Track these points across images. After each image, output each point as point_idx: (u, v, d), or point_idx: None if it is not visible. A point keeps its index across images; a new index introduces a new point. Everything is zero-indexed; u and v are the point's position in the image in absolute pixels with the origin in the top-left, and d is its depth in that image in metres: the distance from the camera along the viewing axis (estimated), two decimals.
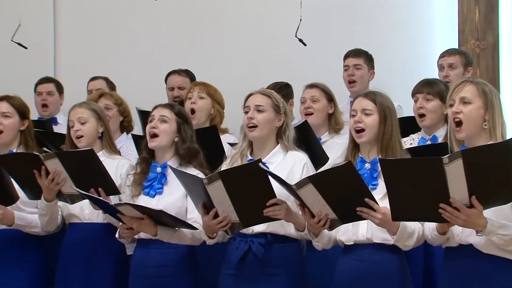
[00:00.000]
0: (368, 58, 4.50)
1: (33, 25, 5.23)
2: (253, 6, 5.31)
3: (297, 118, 3.97)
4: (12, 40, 4.96)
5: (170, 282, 3.07)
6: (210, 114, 3.89)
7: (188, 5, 5.41)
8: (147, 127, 3.17)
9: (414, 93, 3.60)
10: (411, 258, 3.16)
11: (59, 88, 4.90)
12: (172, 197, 3.10)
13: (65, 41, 5.60)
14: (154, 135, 3.13)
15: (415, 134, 3.62)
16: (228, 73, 5.15)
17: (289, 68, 5.01)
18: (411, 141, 3.59)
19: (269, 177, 2.71)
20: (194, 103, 3.81)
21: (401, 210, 2.46)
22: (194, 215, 3.01)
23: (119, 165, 3.35)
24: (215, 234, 2.92)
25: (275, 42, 5.15)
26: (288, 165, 2.99)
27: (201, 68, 4.83)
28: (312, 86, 3.84)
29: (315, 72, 4.70)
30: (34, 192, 3.18)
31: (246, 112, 3.03)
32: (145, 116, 3.77)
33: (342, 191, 2.57)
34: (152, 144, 3.15)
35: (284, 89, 4.20)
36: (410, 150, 3.06)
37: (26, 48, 5.03)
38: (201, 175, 3.10)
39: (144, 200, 3.11)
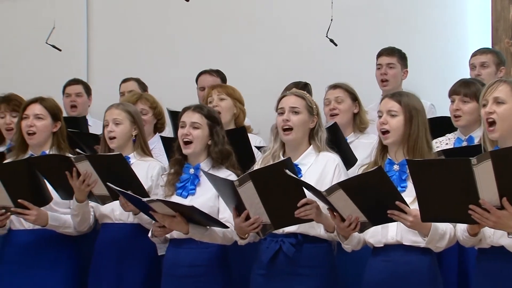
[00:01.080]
0: (402, 57, 4.46)
1: (67, 28, 5.31)
2: (284, 6, 5.31)
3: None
4: (46, 43, 5.04)
5: (202, 282, 3.08)
6: (234, 113, 3.90)
7: (217, 6, 5.43)
8: (179, 133, 3.18)
9: (451, 94, 3.54)
10: (445, 259, 3.14)
11: (87, 89, 4.96)
12: (204, 198, 3.11)
13: (98, 44, 5.67)
14: (188, 142, 3.15)
15: (451, 134, 3.57)
16: (258, 73, 5.16)
17: (320, 69, 4.99)
18: (447, 141, 3.54)
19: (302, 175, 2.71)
20: (217, 106, 3.81)
21: (431, 212, 2.44)
22: (226, 215, 3.01)
23: (150, 167, 3.37)
24: (246, 235, 2.93)
25: (306, 43, 5.14)
26: (320, 166, 2.98)
27: (231, 68, 4.84)
28: (335, 86, 3.82)
29: (346, 72, 4.68)
30: (67, 193, 3.22)
31: (280, 114, 3.02)
32: (176, 116, 3.79)
33: (372, 195, 2.55)
34: (186, 151, 3.16)
35: (304, 89, 4.18)
36: (444, 151, 3.03)
37: (60, 50, 5.10)
38: (233, 176, 3.12)
39: (176, 201, 3.11)
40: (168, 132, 4.25)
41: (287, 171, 2.69)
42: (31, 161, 3.16)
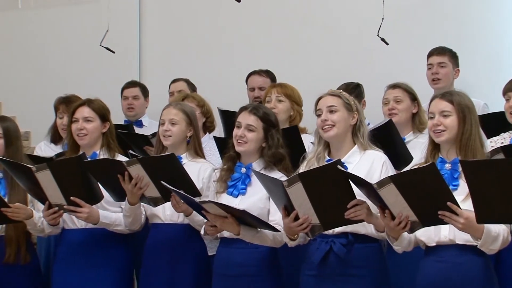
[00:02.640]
0: (453, 56, 4.39)
1: (120, 31, 5.39)
2: (335, 6, 5.28)
3: (380, 119, 3.91)
4: (100, 45, 5.13)
5: (252, 282, 3.08)
6: (290, 115, 3.90)
7: (268, 6, 5.43)
8: (234, 133, 3.19)
9: (505, 91, 3.48)
10: (505, 260, 3.10)
11: (144, 91, 5.02)
12: (255, 198, 3.11)
13: (150, 45, 5.74)
14: (242, 142, 3.16)
15: (506, 133, 3.50)
16: (309, 73, 5.14)
17: (371, 68, 4.96)
18: (502, 140, 3.48)
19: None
20: (274, 107, 3.80)
21: (486, 213, 2.38)
22: (276, 217, 3.01)
23: (202, 169, 3.38)
24: (296, 236, 2.92)
25: (357, 42, 5.10)
26: (366, 164, 2.96)
27: (282, 68, 4.84)
28: (394, 86, 3.79)
29: (398, 71, 4.64)
30: (119, 195, 3.25)
31: (319, 115, 3.02)
32: (227, 116, 3.81)
33: (424, 193, 2.51)
34: (239, 148, 3.17)
35: (355, 90, 4.16)
36: (504, 148, 2.98)
37: (113, 52, 5.18)
38: (284, 178, 3.11)
39: (227, 200, 3.13)
40: (218, 132, 4.28)
41: (339, 166, 2.67)
42: (84, 166, 3.19)
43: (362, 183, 2.65)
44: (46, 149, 4.32)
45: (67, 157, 3.41)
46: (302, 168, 3.04)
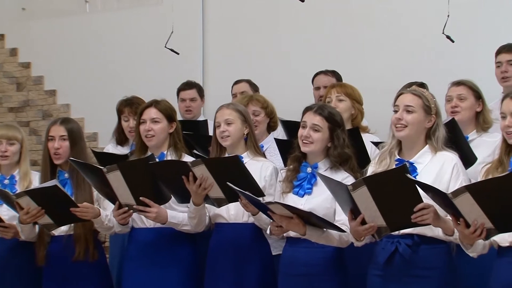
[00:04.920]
0: None
1: (184, 32, 5.44)
2: (399, 3, 5.21)
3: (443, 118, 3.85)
4: (165, 47, 5.21)
5: (318, 281, 3.08)
6: (351, 114, 3.87)
7: (330, 6, 5.40)
8: (300, 133, 3.18)
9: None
10: None
11: (201, 92, 5.00)
12: (321, 198, 3.10)
13: (213, 47, 5.78)
14: (307, 143, 3.16)
15: None
16: (373, 71, 5.10)
17: (436, 66, 4.88)
18: None
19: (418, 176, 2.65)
20: (335, 107, 3.76)
21: None
22: (342, 217, 2.99)
23: (263, 167, 3.39)
24: (362, 237, 2.90)
25: (422, 40, 5.02)
26: (437, 165, 2.91)
27: (344, 68, 4.80)
28: (458, 83, 3.71)
29: (463, 69, 4.53)
30: (183, 196, 3.28)
31: (395, 111, 2.98)
32: (289, 126, 3.82)
33: (502, 201, 2.45)
34: (305, 149, 3.17)
35: None
36: None
37: (178, 53, 5.25)
38: (350, 178, 3.11)
39: (293, 200, 3.14)
40: (280, 133, 4.28)
41: (408, 175, 2.63)
42: (150, 168, 3.22)
43: (430, 190, 2.61)
44: (114, 151, 4.40)
45: (136, 159, 3.47)
46: (374, 162, 3.03)
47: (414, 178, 2.67)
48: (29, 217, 3.37)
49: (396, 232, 2.88)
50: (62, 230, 3.56)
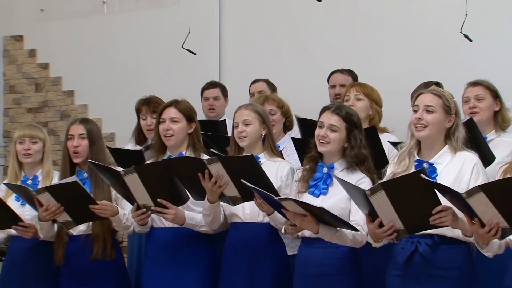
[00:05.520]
0: None
1: (200, 33, 5.46)
2: (416, 2, 5.19)
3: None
4: (182, 47, 5.23)
5: (333, 281, 3.08)
6: (369, 114, 3.86)
7: (347, 5, 5.39)
8: (316, 132, 3.18)
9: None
10: None
11: (224, 92, 5.04)
12: (336, 198, 3.10)
13: (229, 47, 5.79)
14: (324, 143, 3.16)
15: None
16: (389, 71, 5.08)
17: (454, 66, 4.85)
18: None
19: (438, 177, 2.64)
20: (352, 105, 3.77)
21: None
22: (357, 217, 3.00)
23: (280, 167, 3.39)
24: (381, 239, 2.89)
25: (439, 39, 5.00)
26: (456, 166, 2.90)
27: (361, 67, 4.79)
28: (475, 84, 3.69)
29: (482, 68, 4.50)
30: (199, 194, 3.29)
31: (415, 111, 2.97)
32: (305, 124, 3.82)
33: None
34: (321, 149, 3.17)
35: None
36: None
37: (195, 54, 5.27)
38: (366, 179, 3.11)
39: (308, 199, 3.13)
40: (296, 134, 4.28)
41: (423, 175, 2.62)
42: (167, 164, 3.26)
43: (447, 191, 2.60)
44: None
45: (153, 161, 3.49)
46: (393, 162, 3.02)
47: (431, 180, 2.66)
48: (48, 214, 3.40)
49: None
50: (81, 229, 3.59)
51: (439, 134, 2.95)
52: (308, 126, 3.57)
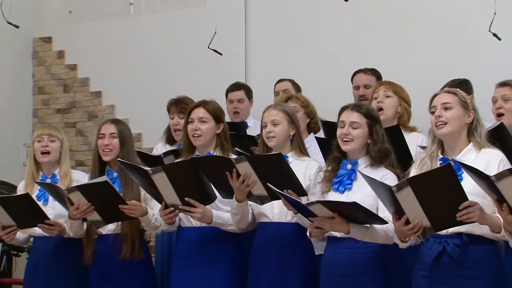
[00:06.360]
0: None
1: (226, 33, 5.47)
2: (441, 1, 5.16)
3: (490, 118, 3.79)
4: (208, 47, 5.26)
5: (360, 282, 3.07)
6: (397, 112, 3.84)
7: (371, 4, 5.37)
8: (338, 132, 3.18)
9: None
10: None
11: (249, 93, 5.03)
12: (362, 194, 3.07)
13: (255, 47, 5.79)
14: (347, 141, 3.16)
15: None
16: (416, 70, 5.04)
17: (482, 65, 4.80)
18: None
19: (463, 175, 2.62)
20: (381, 102, 3.79)
21: None
22: (386, 214, 2.96)
23: (308, 166, 3.40)
24: (407, 238, 2.88)
25: (467, 38, 4.95)
26: (482, 163, 2.87)
27: (386, 67, 4.77)
28: (503, 84, 3.68)
29: (510, 68, 4.46)
30: (227, 192, 3.31)
31: (433, 113, 2.97)
32: (328, 126, 3.81)
33: None
34: (345, 147, 3.17)
35: (462, 85, 4.02)
36: None
37: (221, 54, 5.29)
38: (390, 175, 3.10)
39: (333, 197, 3.13)
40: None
41: (452, 162, 2.59)
42: (195, 162, 3.29)
43: (479, 175, 2.57)
44: (162, 150, 4.45)
45: (181, 160, 3.51)
46: (415, 168, 3.00)
47: (464, 163, 2.63)
48: (78, 212, 3.43)
49: (443, 232, 2.85)
50: (110, 228, 3.62)
51: (461, 130, 2.94)
52: (331, 128, 3.57)
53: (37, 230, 3.71)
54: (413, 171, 3.00)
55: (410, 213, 2.72)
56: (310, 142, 3.97)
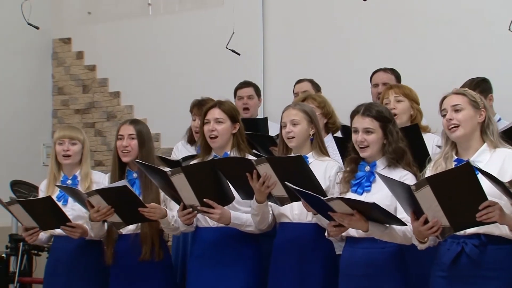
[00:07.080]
0: None
1: (244, 33, 5.49)
2: (461, 0, 5.13)
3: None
4: (226, 47, 5.27)
5: (378, 282, 3.06)
6: (411, 114, 3.83)
7: (391, 3, 5.35)
8: (354, 139, 3.18)
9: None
10: None
11: (258, 91, 5.06)
12: (380, 195, 3.06)
13: (273, 47, 5.80)
14: (364, 147, 3.15)
15: None
16: (434, 70, 5.03)
17: (501, 64, 4.77)
18: None
19: (480, 176, 2.61)
20: (394, 108, 3.76)
21: None
22: (404, 215, 2.94)
23: (328, 167, 3.39)
24: (426, 239, 2.87)
25: (485, 37, 4.93)
26: (498, 162, 2.86)
27: (405, 66, 4.76)
28: None
29: None
30: (247, 193, 3.31)
31: (444, 115, 2.95)
32: (345, 130, 3.80)
33: None
34: (364, 154, 3.16)
35: (481, 84, 4.01)
36: None
37: (239, 54, 5.31)
38: (409, 175, 3.09)
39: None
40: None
41: (472, 163, 2.57)
42: (215, 163, 3.29)
43: (494, 181, 2.57)
44: (182, 149, 4.49)
45: (200, 161, 3.52)
46: (429, 170, 2.99)
47: (478, 166, 2.63)
48: (99, 215, 3.46)
49: (461, 232, 2.84)
50: (130, 229, 3.64)
51: (474, 131, 2.93)
52: (347, 131, 3.55)
53: (58, 230, 3.73)
54: (428, 173, 2.99)
55: (429, 213, 2.71)
56: (328, 142, 3.94)
